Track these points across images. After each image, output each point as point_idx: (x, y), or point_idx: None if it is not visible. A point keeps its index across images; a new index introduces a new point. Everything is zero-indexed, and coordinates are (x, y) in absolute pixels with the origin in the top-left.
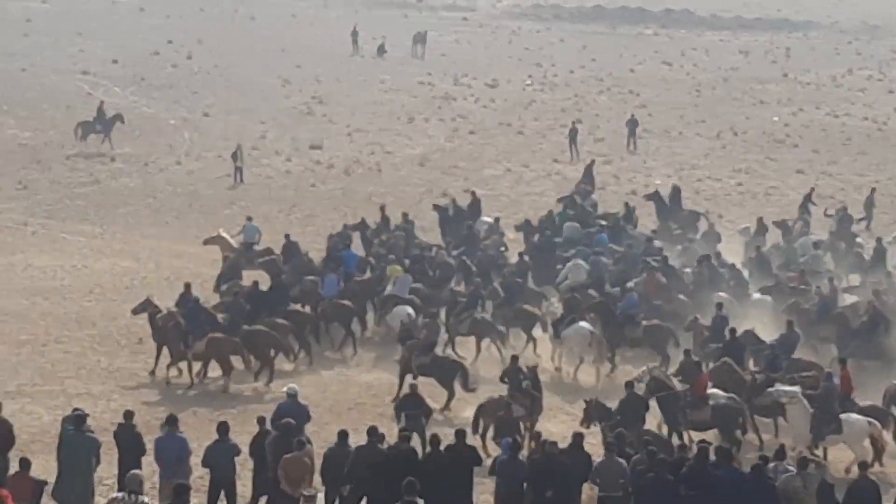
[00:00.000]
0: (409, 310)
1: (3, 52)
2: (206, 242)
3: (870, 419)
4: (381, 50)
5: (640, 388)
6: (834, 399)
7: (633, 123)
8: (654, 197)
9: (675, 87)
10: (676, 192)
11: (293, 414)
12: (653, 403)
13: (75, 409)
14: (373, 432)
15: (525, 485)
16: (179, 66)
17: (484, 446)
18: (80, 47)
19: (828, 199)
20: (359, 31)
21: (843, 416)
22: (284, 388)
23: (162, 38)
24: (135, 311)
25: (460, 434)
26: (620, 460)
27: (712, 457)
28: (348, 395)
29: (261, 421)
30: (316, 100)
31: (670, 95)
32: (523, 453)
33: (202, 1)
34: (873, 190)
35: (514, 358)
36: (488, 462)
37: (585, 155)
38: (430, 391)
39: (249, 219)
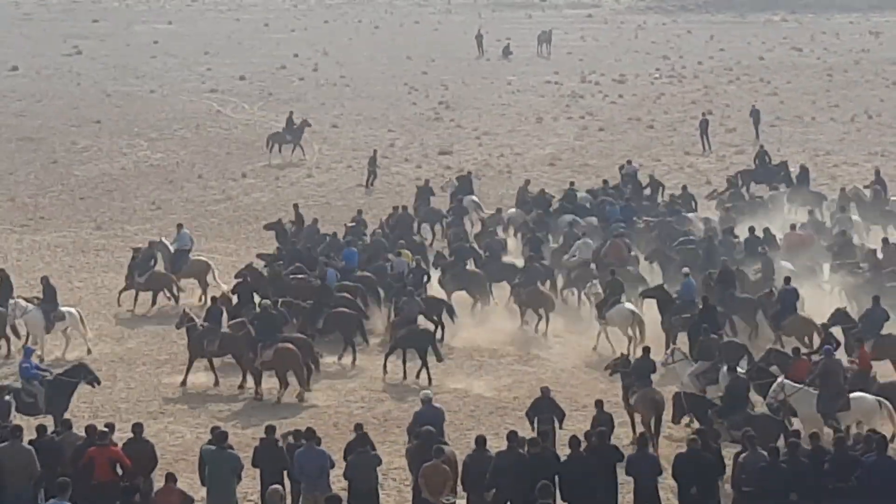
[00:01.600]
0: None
1: (132, 74)
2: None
3: (881, 398)
4: (507, 51)
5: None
6: (838, 375)
7: (756, 114)
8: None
9: (806, 72)
10: (805, 172)
11: (430, 420)
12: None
13: (214, 428)
14: (513, 437)
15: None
16: (306, 78)
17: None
18: (207, 66)
19: None
20: (483, 34)
21: (853, 394)
22: (420, 395)
23: (287, 52)
24: (178, 326)
25: (601, 435)
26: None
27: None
28: (488, 400)
29: (269, 430)
30: (443, 105)
31: (801, 81)
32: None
33: (326, 13)
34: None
35: (646, 349)
36: None
37: (717, 146)
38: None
39: (180, 226)
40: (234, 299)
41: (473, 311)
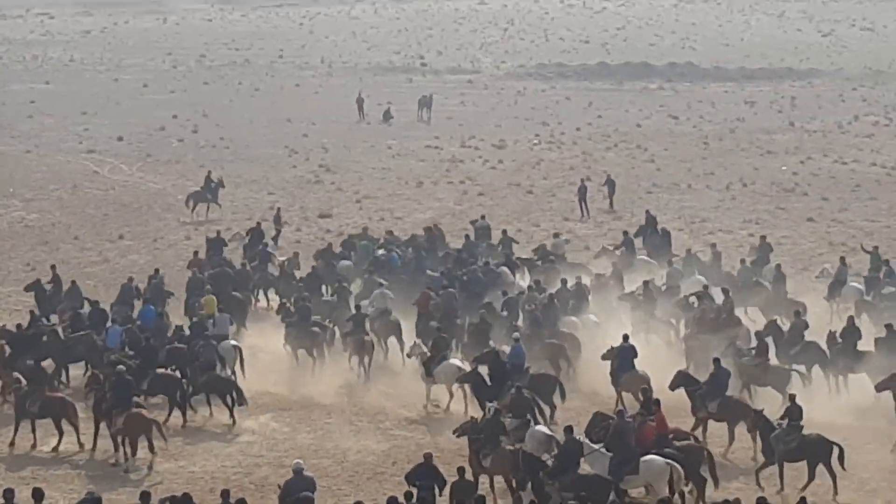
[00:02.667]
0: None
1: (8, 134)
2: None
3: (672, 462)
4: (387, 115)
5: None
6: (629, 437)
7: (611, 184)
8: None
9: (683, 139)
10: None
11: (301, 489)
12: None
13: (88, 493)
14: (392, 502)
15: None
16: (185, 140)
17: None
18: (85, 126)
19: (839, 247)
20: (364, 98)
21: (644, 457)
22: (293, 464)
23: (167, 114)
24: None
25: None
26: None
27: None
28: (366, 465)
29: (143, 496)
30: (323, 168)
31: (678, 149)
32: None
33: (206, 74)
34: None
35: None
36: None
37: (595, 212)
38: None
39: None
40: None
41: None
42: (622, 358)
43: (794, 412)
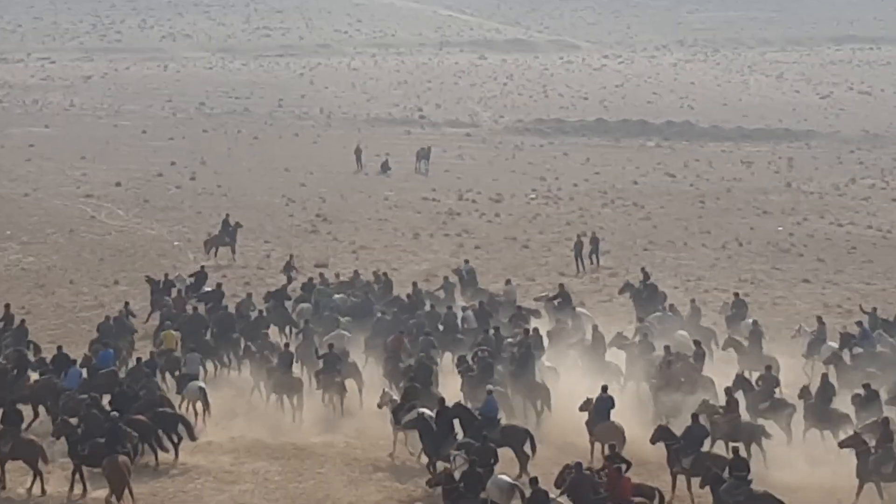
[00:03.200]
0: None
1: (6, 177)
2: None
3: None
4: (385, 167)
5: None
6: (587, 489)
7: (595, 242)
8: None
9: (679, 198)
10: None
11: None
12: None
13: None
14: None
15: None
16: (183, 187)
17: None
18: (83, 171)
19: (834, 309)
20: (363, 148)
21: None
22: None
23: (165, 160)
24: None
25: None
26: None
27: None
28: None
29: None
30: (320, 217)
31: (674, 207)
32: None
33: (205, 122)
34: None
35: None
36: None
37: (590, 267)
38: None
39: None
40: None
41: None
42: (599, 408)
43: (739, 465)
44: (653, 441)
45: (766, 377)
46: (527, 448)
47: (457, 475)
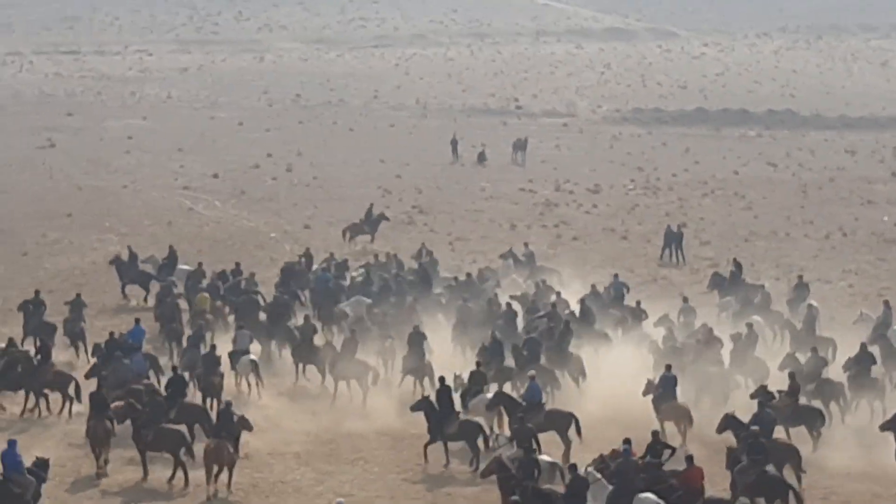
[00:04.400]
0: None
1: (105, 169)
2: None
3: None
4: (482, 157)
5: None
6: (630, 475)
7: (678, 236)
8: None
9: (781, 188)
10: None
11: None
12: None
13: None
14: None
15: None
16: (279, 178)
17: None
18: (181, 163)
19: None
20: (459, 139)
21: (639, 494)
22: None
23: (261, 152)
24: None
25: None
26: None
27: None
28: None
29: None
30: (416, 209)
31: (776, 197)
32: None
33: (301, 113)
34: None
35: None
36: None
37: (691, 259)
38: None
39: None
40: None
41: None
42: (664, 387)
43: (755, 448)
44: (720, 430)
45: (812, 359)
46: (572, 433)
47: (505, 459)
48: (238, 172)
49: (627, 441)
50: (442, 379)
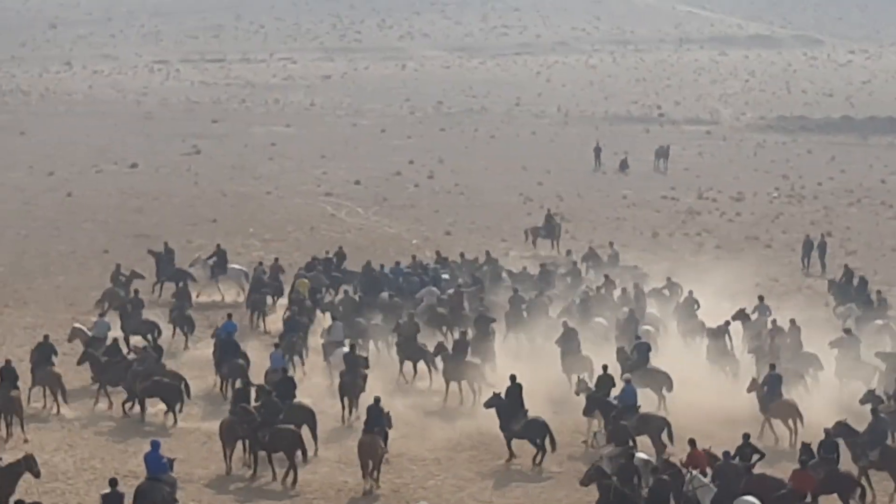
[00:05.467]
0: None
1: (249, 175)
2: (70, 339)
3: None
4: (624, 165)
5: None
6: (731, 478)
7: (818, 246)
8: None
9: None
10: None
11: None
12: None
13: None
14: None
15: None
16: (421, 185)
17: None
18: (324, 169)
19: None
20: (602, 147)
21: (740, 497)
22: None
23: (403, 159)
24: None
25: None
26: None
27: None
28: None
29: None
30: (558, 216)
31: None
32: None
33: (443, 121)
34: None
35: None
36: None
37: (835, 269)
38: None
39: (101, 315)
40: None
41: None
42: (770, 385)
43: (829, 447)
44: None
45: None
46: (664, 437)
47: (605, 465)
48: (380, 179)
49: (742, 445)
50: (513, 377)
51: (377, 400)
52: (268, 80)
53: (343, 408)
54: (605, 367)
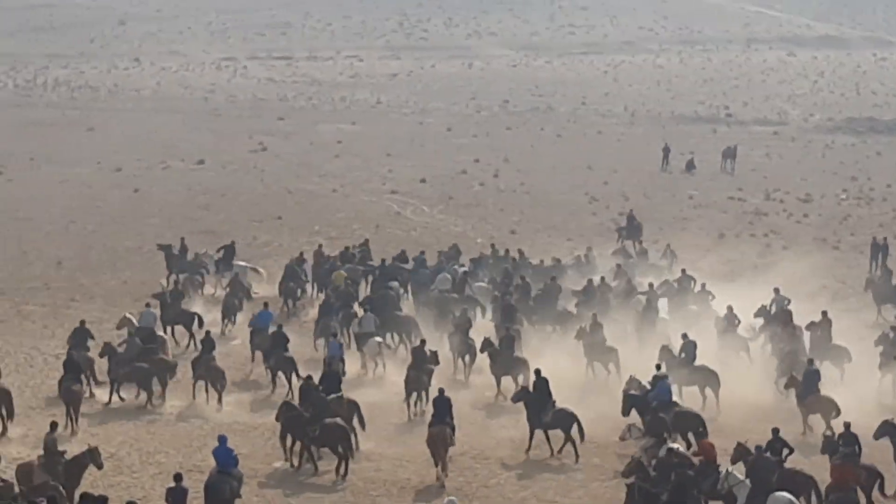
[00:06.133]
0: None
1: (315, 173)
2: (118, 326)
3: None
4: (690, 165)
5: None
6: (764, 473)
7: (884, 248)
8: None
9: None
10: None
11: None
12: None
13: None
14: None
15: None
16: (486, 184)
17: None
18: (389, 167)
19: None
20: (670, 147)
21: (773, 493)
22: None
23: (469, 157)
24: None
25: None
26: None
27: None
28: None
29: None
30: (624, 216)
31: None
32: None
33: (509, 119)
34: None
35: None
36: None
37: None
38: None
39: (148, 305)
40: None
41: None
42: (807, 381)
43: (849, 440)
44: (876, 437)
45: None
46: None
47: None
48: (446, 178)
49: (771, 441)
50: (538, 371)
51: (442, 391)
52: (334, 78)
53: (409, 405)
54: (657, 367)
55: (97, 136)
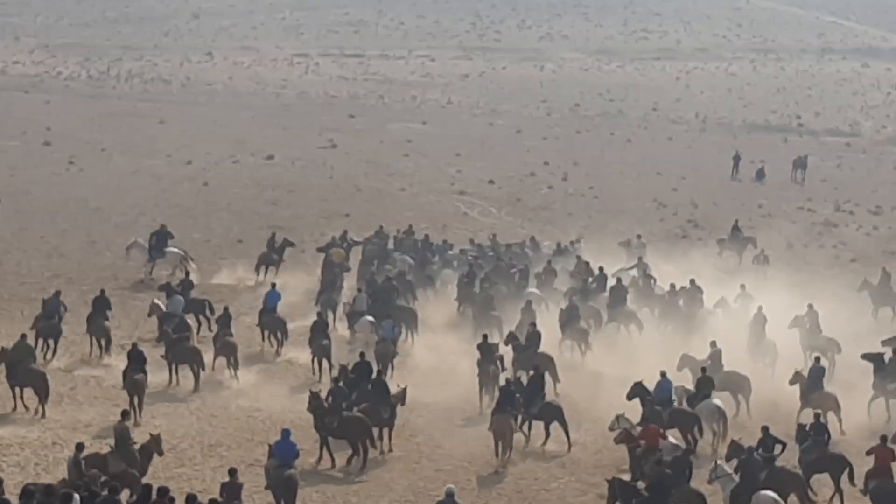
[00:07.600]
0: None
1: (384, 171)
2: (148, 314)
3: (779, 500)
4: (760, 174)
5: None
6: (753, 470)
7: None
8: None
9: None
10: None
11: None
12: None
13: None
14: None
15: None
16: (555, 187)
17: None
18: (458, 168)
19: None
20: (741, 156)
21: (758, 491)
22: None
23: (538, 160)
24: None
25: None
26: None
27: None
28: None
29: None
30: (691, 223)
31: None
32: None
33: (579, 123)
34: None
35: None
36: None
37: None
38: None
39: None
40: None
41: None
42: (813, 378)
43: (819, 429)
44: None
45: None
46: (695, 432)
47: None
48: (514, 180)
49: (762, 439)
50: (536, 367)
51: (508, 382)
52: (406, 77)
53: (480, 397)
54: (703, 370)
55: (168, 128)
